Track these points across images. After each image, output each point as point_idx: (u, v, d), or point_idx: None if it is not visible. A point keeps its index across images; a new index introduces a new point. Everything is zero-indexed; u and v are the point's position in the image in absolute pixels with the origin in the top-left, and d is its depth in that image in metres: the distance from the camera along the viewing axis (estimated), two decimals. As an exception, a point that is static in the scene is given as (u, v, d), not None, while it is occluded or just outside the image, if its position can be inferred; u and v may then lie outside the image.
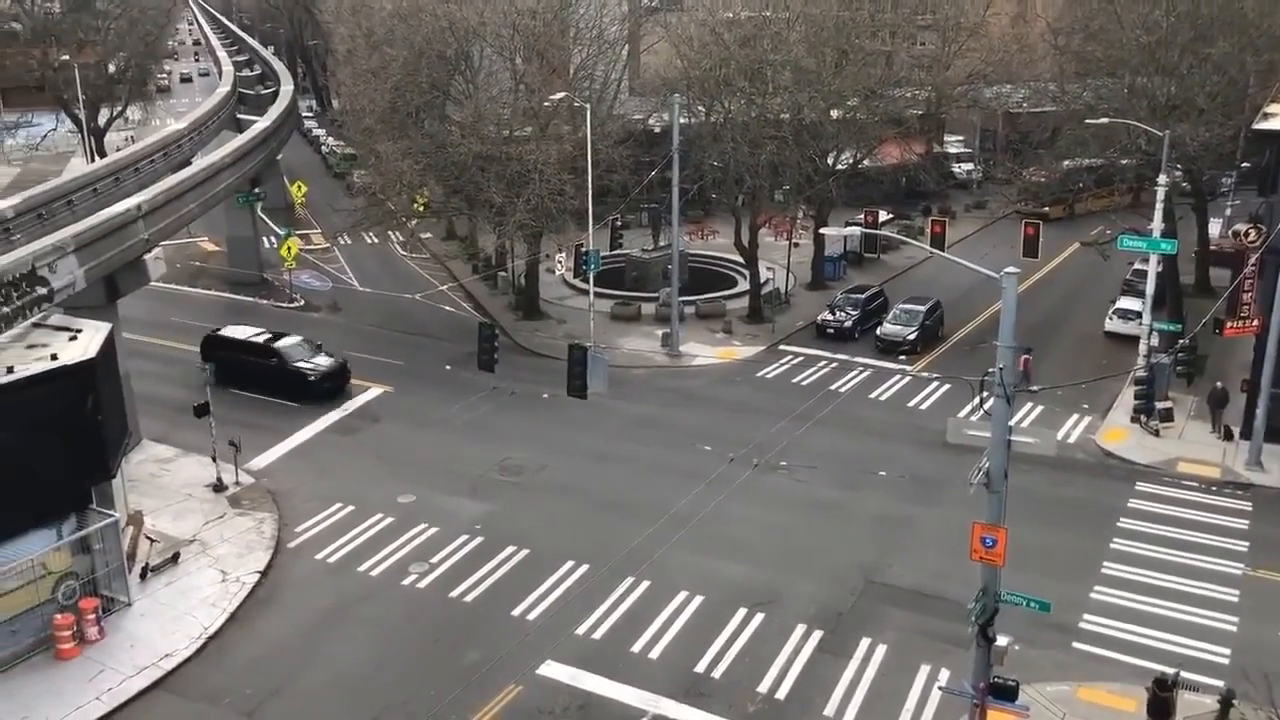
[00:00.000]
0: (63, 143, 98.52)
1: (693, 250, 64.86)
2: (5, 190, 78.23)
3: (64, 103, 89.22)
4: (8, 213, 36.31)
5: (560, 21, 57.46)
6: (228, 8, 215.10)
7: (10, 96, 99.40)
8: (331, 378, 45.41)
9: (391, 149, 52.63)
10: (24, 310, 29.94)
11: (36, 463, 26.74)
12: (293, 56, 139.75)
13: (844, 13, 59.57)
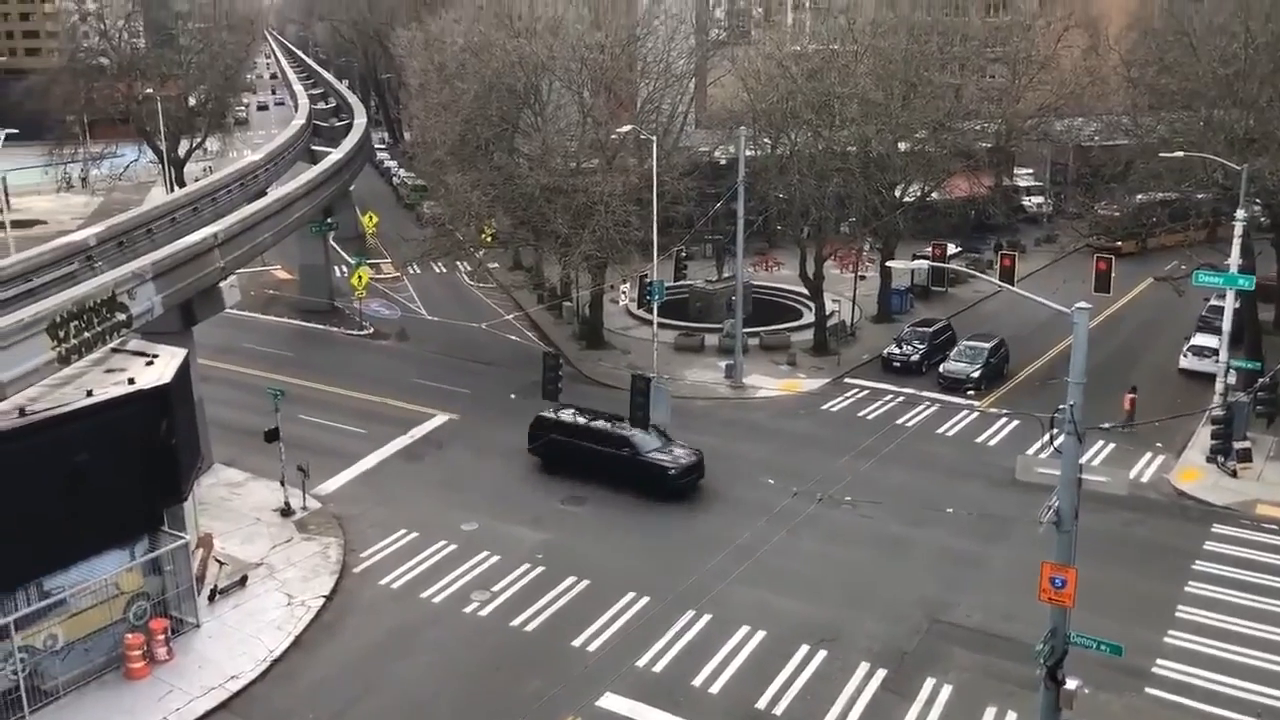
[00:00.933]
0: (144, 173, 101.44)
1: (757, 282, 64.76)
2: (89, 219, 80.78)
3: (146, 134, 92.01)
4: (90, 241, 37.40)
5: (628, 56, 58.04)
6: (304, 42, 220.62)
7: (96, 128, 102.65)
8: (689, 472, 38.82)
9: (461, 180, 53.44)
10: (104, 335, 30.79)
11: (112, 484, 27.37)
12: (366, 90, 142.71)
13: (913, 46, 59.33)
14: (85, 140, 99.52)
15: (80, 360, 29.72)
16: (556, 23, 58.64)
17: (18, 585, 25.87)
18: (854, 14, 66.37)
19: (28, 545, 25.59)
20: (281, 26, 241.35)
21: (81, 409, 27.14)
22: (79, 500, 26.60)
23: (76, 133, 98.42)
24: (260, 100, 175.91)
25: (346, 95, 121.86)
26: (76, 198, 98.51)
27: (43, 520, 25.84)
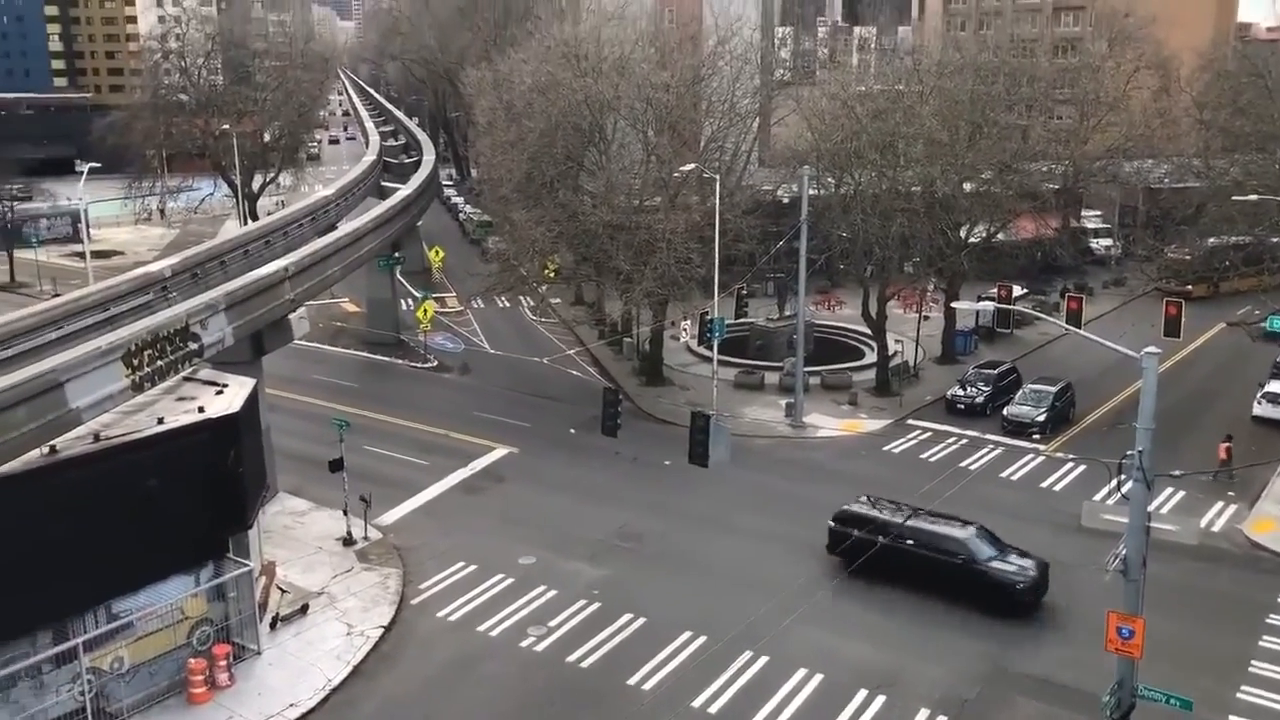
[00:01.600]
0: (219, 206, 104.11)
1: (819, 320, 64.52)
2: (165, 250, 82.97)
3: (222, 169, 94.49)
4: (166, 272, 38.42)
5: (693, 95, 58.50)
6: (376, 81, 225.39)
7: (174, 163, 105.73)
8: (1037, 587, 33.18)
9: (526, 217, 54.12)
10: (176, 364, 31.53)
11: (180, 510, 27.94)
12: (435, 127, 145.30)
13: (979, 87, 59.08)
14: (163, 174, 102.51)
15: (153, 388, 30.44)
16: (623, 62, 59.26)
17: (88, 607, 26.47)
18: (920, 55, 66.30)
19: (99, 568, 26.18)
20: (355, 65, 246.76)
21: (153, 436, 27.80)
22: (148, 525, 27.18)
23: (155, 167, 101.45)
24: (332, 135, 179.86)
25: (416, 133, 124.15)
26: (154, 229, 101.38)
27: (113, 544, 26.44)
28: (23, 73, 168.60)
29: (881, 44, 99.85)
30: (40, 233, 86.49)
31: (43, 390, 25.54)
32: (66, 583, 25.65)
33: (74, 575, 25.73)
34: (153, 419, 28.59)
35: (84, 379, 26.94)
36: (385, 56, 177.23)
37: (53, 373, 25.99)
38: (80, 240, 74.95)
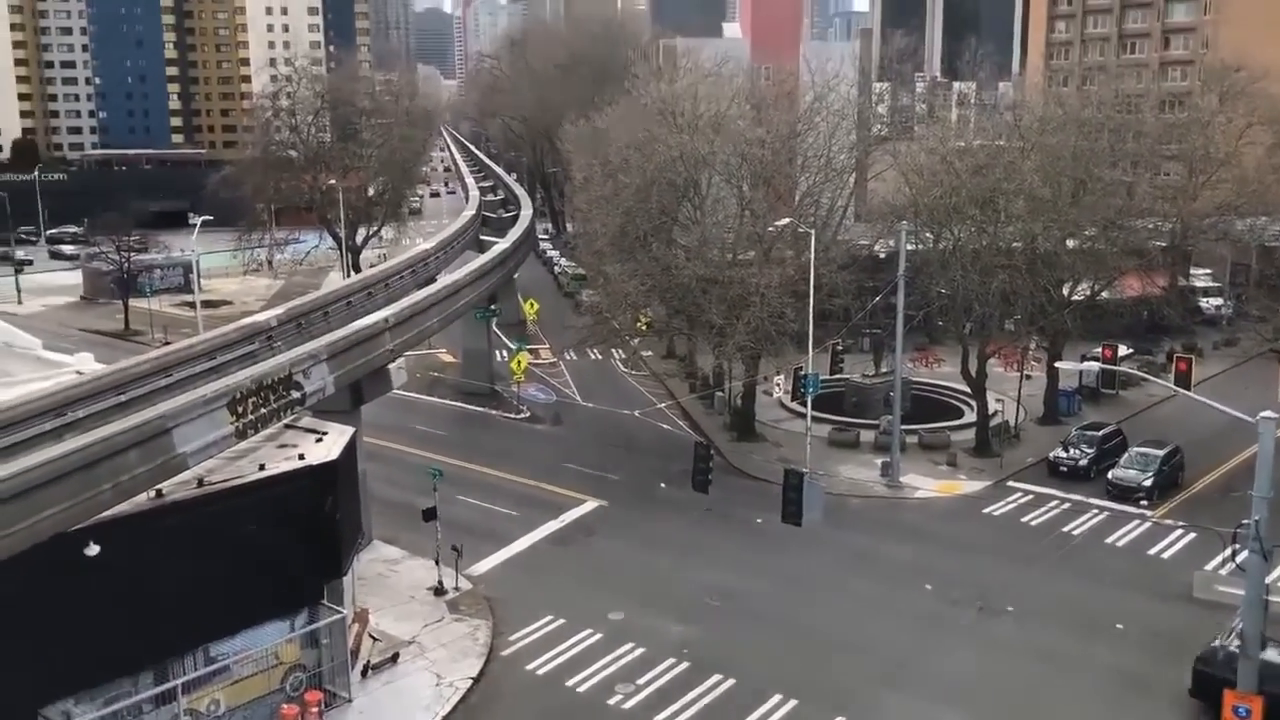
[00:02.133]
0: (323, 258, 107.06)
1: (916, 378, 63.40)
2: (271, 300, 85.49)
3: (327, 222, 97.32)
4: (272, 322, 39.48)
5: (788, 150, 58.53)
6: (477, 137, 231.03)
7: (282, 216, 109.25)
8: None
9: (619, 270, 54.51)
10: (279, 412, 32.27)
11: (278, 556, 28.46)
12: (533, 182, 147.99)
13: (1082, 143, 57.99)
14: (271, 227, 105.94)
15: (256, 435, 31.17)
16: (719, 119, 59.67)
17: (189, 649, 27.02)
18: (1021, 111, 65.45)
19: (199, 611, 26.77)
20: (456, 122, 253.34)
21: (254, 482, 28.44)
22: (247, 570, 27.73)
23: (264, 220, 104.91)
24: (434, 189, 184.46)
25: (514, 188, 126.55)
26: (260, 280, 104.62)
27: (214, 588, 27.02)
28: (144, 130, 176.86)
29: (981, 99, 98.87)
30: (154, 282, 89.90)
31: (152, 435, 26.31)
32: (168, 625, 26.27)
33: (176, 617, 26.32)
34: (254, 465, 29.25)
35: (191, 425, 27.70)
36: (486, 114, 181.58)
37: (161, 418, 26.78)
38: (191, 290, 77.64)
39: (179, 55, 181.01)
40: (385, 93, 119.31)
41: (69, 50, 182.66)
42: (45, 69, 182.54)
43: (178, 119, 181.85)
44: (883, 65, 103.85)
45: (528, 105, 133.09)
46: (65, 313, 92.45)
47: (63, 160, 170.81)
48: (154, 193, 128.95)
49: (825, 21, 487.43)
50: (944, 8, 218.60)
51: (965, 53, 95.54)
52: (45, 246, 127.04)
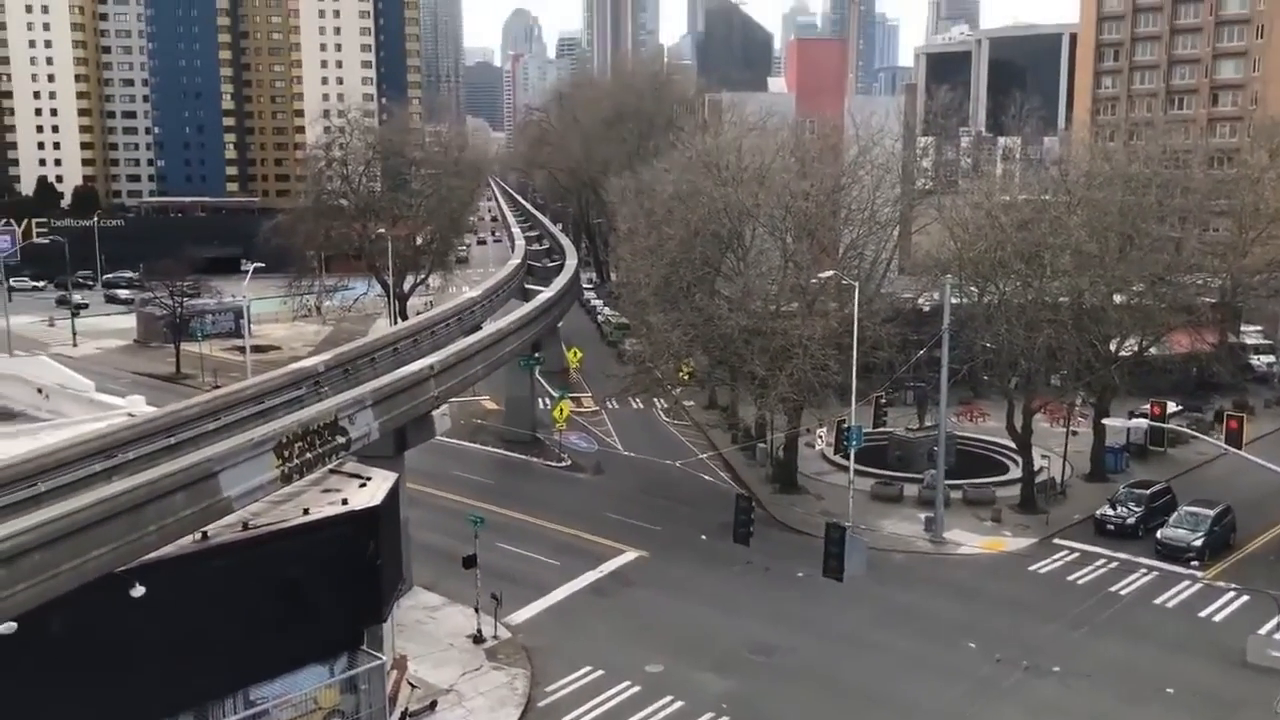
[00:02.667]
0: (371, 305, 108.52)
1: (960, 432, 62.82)
2: (319, 346, 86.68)
3: (375, 270, 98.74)
4: (319, 368, 40.01)
5: (832, 203, 58.69)
6: (524, 188, 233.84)
7: (332, 263, 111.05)
8: None
9: (662, 320, 54.73)
10: (324, 457, 32.59)
11: (320, 601, 28.59)
12: (578, 232, 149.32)
13: (1129, 198, 57.64)
14: (321, 274, 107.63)
15: (301, 479, 31.49)
16: (763, 171, 60.06)
17: (229, 692, 27.15)
18: (1067, 166, 65.25)
19: (240, 654, 26.93)
20: (504, 174, 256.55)
21: (298, 526, 28.69)
22: (289, 614, 27.88)
23: (314, 267, 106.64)
24: (480, 237, 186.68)
25: (559, 237, 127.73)
26: (309, 326, 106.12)
27: (255, 631, 27.19)
28: (200, 178, 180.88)
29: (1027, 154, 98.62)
30: (206, 327, 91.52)
31: (199, 478, 26.67)
32: (210, 667, 26.44)
33: (217, 660, 26.50)
34: (298, 509, 29.52)
35: (237, 469, 28.04)
36: (533, 165, 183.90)
37: (208, 462, 27.15)
38: (242, 335, 78.92)
39: (236, 106, 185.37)
40: (435, 144, 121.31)
41: (130, 101, 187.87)
42: (107, 119, 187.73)
43: (233, 168, 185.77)
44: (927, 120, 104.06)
45: (574, 157, 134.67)
46: (119, 355, 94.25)
47: (121, 207, 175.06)
48: (208, 239, 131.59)
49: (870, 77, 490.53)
50: (989, 63, 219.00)
51: (1010, 108, 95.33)
52: (102, 290, 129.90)
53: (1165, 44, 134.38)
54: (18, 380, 44.11)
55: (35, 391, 42.82)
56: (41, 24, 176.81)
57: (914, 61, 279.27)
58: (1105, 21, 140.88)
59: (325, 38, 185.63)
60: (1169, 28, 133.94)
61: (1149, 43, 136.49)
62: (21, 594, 21.98)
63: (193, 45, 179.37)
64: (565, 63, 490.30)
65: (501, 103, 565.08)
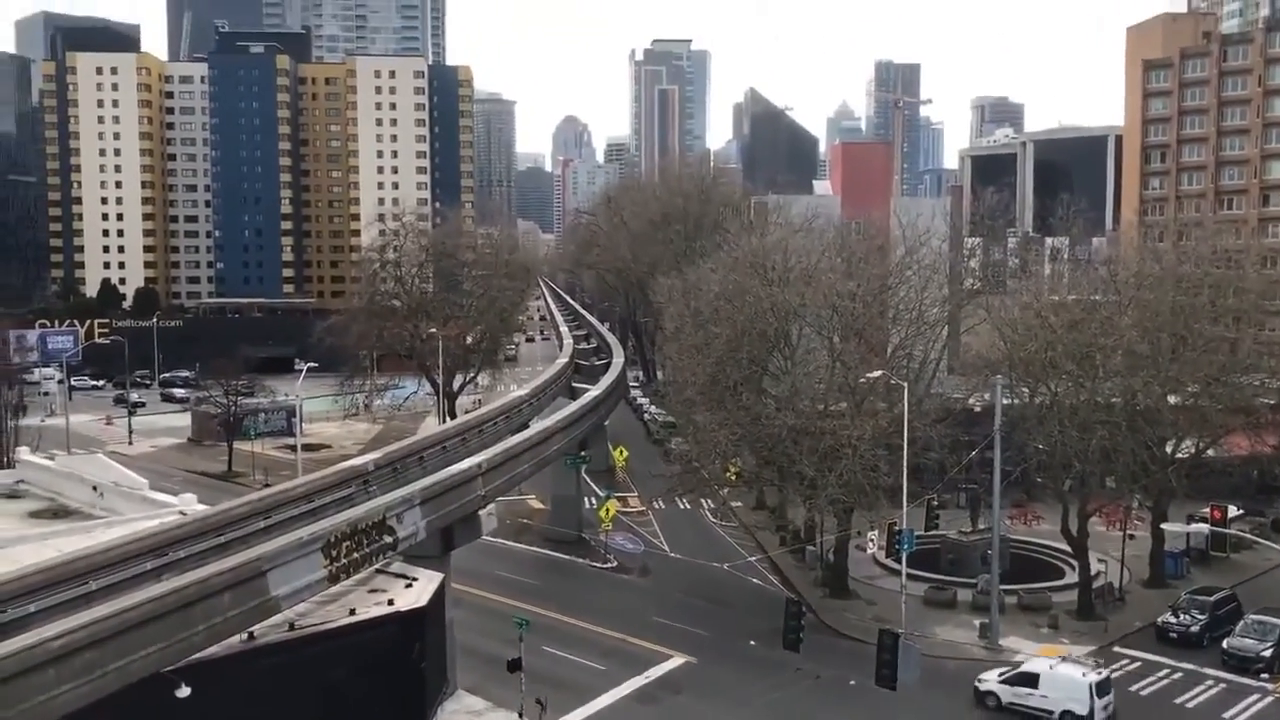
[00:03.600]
0: (420, 404, 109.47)
1: (1014, 535, 61.53)
2: (368, 445, 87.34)
3: (426, 369, 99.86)
4: (369, 466, 40.32)
5: (879, 303, 58.76)
6: (572, 288, 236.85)
7: (383, 363, 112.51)
8: None
9: (709, 419, 54.62)
10: (371, 556, 32.63)
11: (364, 702, 28.36)
12: (625, 331, 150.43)
13: (1180, 298, 57.16)
14: (373, 373, 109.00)
15: (348, 579, 31.49)
16: (810, 272, 60.42)
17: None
18: (1116, 266, 64.96)
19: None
20: (553, 274, 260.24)
21: (344, 626, 28.63)
22: (333, 715, 27.67)
23: (366, 366, 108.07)
24: (529, 335, 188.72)
25: (606, 336, 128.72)
26: (359, 425, 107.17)
27: (298, 733, 26.96)
28: (257, 280, 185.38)
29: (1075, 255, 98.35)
30: (259, 426, 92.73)
31: (247, 578, 26.79)
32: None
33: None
34: (344, 610, 29.47)
35: (285, 568, 28.15)
36: (581, 266, 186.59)
37: (257, 561, 27.30)
38: (294, 433, 79.79)
39: (294, 210, 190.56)
40: (486, 246, 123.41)
41: (193, 205, 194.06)
42: (170, 223, 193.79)
43: (289, 269, 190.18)
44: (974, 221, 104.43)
45: (621, 258, 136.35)
46: (173, 454, 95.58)
47: (180, 308, 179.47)
48: (263, 339, 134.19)
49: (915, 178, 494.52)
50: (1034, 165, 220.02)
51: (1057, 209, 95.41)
52: (158, 389, 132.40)
53: (1213, 146, 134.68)
54: (75, 478, 44.87)
55: (91, 489, 43.48)
56: (112, 133, 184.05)
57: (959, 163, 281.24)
58: (1151, 124, 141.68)
59: (382, 144, 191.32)
60: (1216, 129, 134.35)
61: (1196, 145, 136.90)
62: (68, 694, 22.03)
63: (254, 152, 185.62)
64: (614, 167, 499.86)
65: (551, 206, 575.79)
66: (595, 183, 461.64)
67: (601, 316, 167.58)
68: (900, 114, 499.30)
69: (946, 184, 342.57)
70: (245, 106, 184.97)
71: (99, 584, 26.20)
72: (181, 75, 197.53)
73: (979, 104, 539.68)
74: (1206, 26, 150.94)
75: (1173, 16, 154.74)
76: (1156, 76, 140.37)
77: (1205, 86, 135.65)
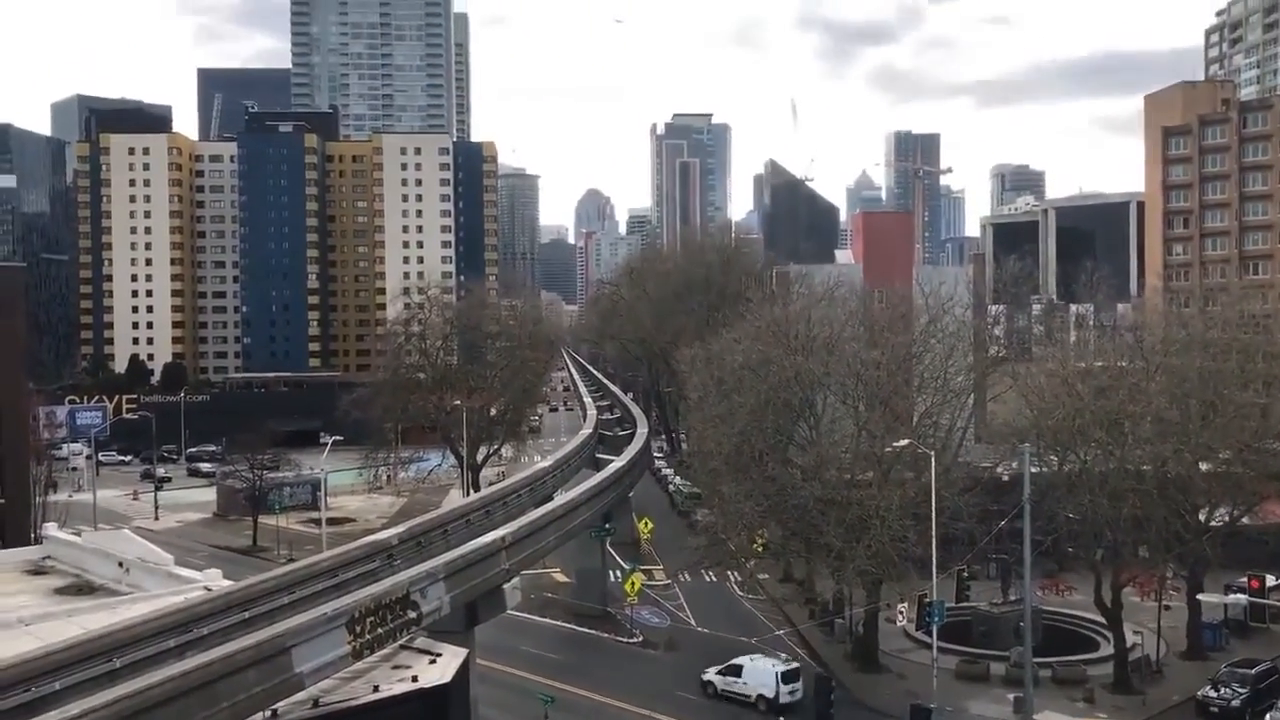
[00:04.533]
0: (444, 476, 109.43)
1: (1047, 606, 60.42)
2: (393, 518, 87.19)
3: (450, 441, 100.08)
4: (393, 540, 40.13)
5: (904, 372, 58.61)
6: (595, 358, 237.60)
7: (407, 435, 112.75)
8: None
9: (734, 490, 54.29)
10: (395, 632, 32.33)
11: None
12: (648, 401, 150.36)
13: (1209, 364, 56.71)
14: (397, 446, 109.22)
15: (372, 655, 31.19)
16: (833, 341, 60.44)
17: None
18: (1142, 332, 64.67)
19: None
20: (576, 345, 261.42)
21: (368, 703, 28.26)
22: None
23: (391, 439, 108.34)
24: (553, 405, 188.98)
25: (630, 406, 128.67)
26: (384, 498, 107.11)
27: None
28: (284, 354, 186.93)
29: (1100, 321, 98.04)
30: (284, 500, 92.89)
31: (271, 654, 26.56)
32: None
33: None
34: (368, 686, 29.14)
35: (309, 644, 27.90)
36: (604, 336, 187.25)
37: (281, 637, 27.08)
38: (318, 507, 79.82)
39: (320, 285, 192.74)
40: (510, 317, 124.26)
41: (221, 282, 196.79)
42: (198, 299, 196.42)
43: (315, 343, 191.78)
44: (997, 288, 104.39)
45: (644, 328, 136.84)
46: (198, 528, 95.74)
47: (207, 382, 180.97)
48: (289, 413, 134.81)
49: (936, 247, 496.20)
50: (1056, 232, 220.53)
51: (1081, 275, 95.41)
52: (185, 464, 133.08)
53: (1235, 211, 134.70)
54: (100, 554, 44.87)
55: (116, 565, 43.44)
56: (143, 211, 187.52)
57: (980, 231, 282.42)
58: (1172, 189, 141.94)
59: (408, 219, 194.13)
60: (1238, 194, 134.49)
61: (1218, 210, 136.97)
62: (91, 774, 21.80)
63: (282, 229, 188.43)
64: (636, 238, 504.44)
65: (574, 277, 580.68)
66: (618, 254, 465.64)
67: (625, 386, 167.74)
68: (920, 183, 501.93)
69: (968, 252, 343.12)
70: (274, 184, 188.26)
71: (123, 661, 26.04)
72: (212, 154, 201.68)
73: (999, 172, 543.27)
74: (1225, 94, 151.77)
75: (1191, 84, 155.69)
76: (1176, 143, 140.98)
77: (1225, 153, 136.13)
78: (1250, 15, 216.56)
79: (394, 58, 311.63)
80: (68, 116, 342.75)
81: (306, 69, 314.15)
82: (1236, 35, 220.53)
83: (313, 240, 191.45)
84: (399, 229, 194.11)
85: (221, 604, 30.49)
